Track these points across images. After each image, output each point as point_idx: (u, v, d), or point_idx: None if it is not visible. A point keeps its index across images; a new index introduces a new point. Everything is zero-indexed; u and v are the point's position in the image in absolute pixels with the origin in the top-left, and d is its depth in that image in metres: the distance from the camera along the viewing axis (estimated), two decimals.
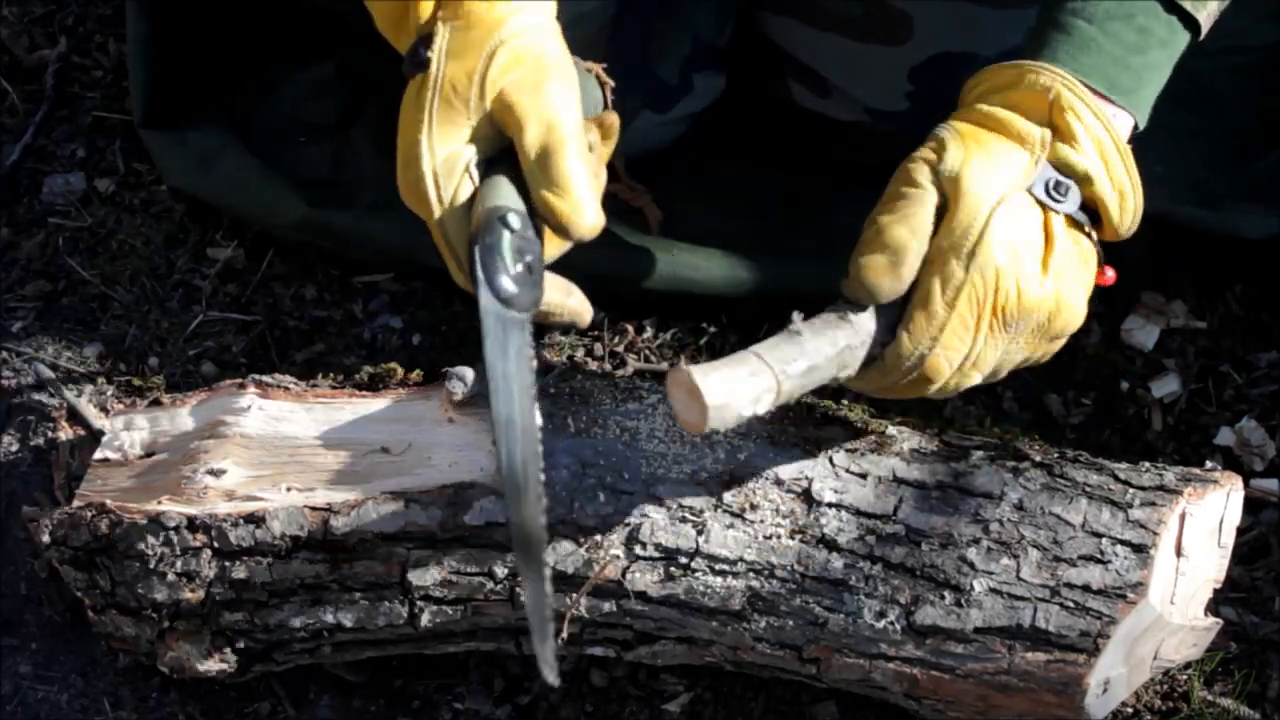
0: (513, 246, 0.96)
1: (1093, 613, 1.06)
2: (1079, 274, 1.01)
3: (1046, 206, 1.00)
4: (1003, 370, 1.02)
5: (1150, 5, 1.02)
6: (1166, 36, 1.04)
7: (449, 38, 0.98)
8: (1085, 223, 1.01)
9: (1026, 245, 0.98)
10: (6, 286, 1.44)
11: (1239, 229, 1.35)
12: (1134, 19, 1.02)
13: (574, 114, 0.98)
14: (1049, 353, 1.04)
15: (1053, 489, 1.10)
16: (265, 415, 1.21)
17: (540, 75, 0.98)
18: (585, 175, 0.97)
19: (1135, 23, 1.02)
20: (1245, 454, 1.33)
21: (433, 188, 0.98)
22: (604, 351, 1.37)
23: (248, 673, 1.19)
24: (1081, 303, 1.01)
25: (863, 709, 1.20)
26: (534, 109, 0.97)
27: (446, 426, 1.17)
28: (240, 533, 1.13)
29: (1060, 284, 0.99)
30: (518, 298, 0.96)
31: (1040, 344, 1.02)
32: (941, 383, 1.00)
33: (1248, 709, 1.20)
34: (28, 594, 1.28)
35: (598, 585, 1.11)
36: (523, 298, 0.96)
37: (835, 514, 1.10)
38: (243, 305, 1.42)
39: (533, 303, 0.97)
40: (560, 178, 0.96)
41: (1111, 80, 1.02)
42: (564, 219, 0.96)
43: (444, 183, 0.97)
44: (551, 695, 1.23)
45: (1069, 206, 1.00)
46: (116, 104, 1.54)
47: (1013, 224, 0.98)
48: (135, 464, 1.21)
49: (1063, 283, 1.00)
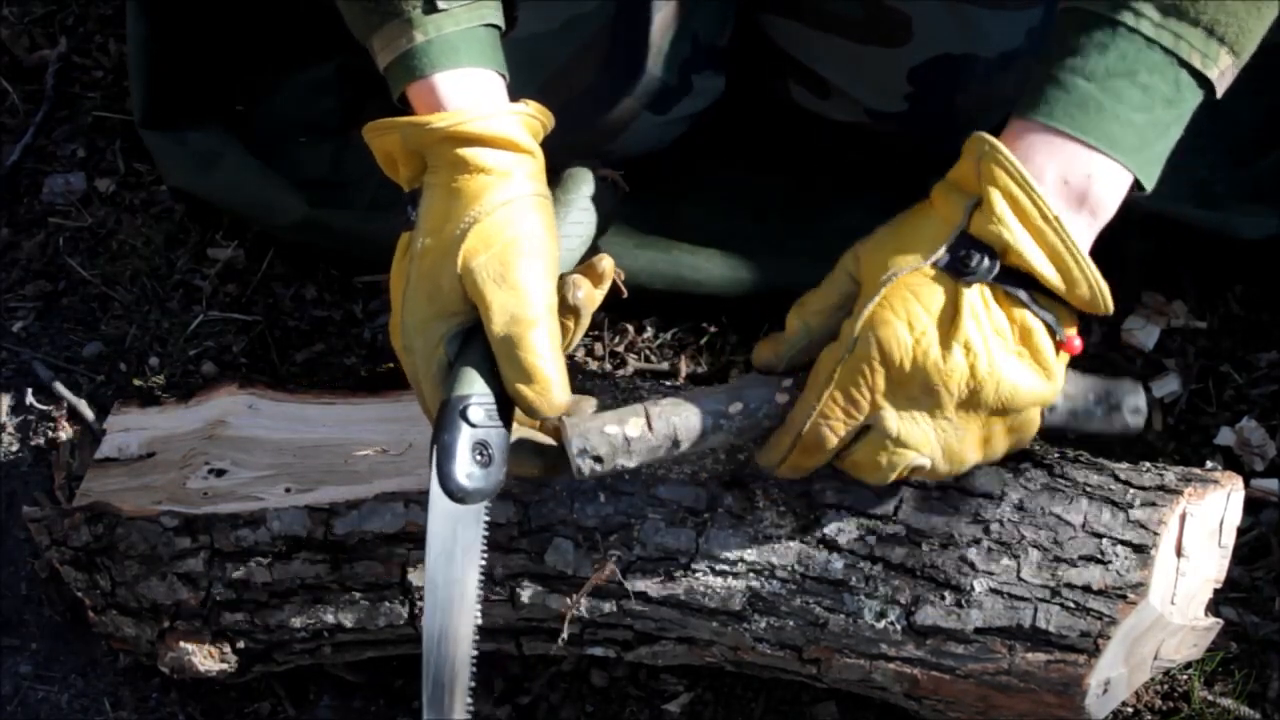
0: (472, 441, 0.99)
1: (1093, 613, 1.06)
2: (1006, 344, 0.98)
3: (955, 278, 0.98)
4: (969, 456, 1.01)
5: (1156, 61, 0.98)
6: (1173, 95, 1.01)
7: (430, 205, 1.01)
8: (1018, 292, 0.98)
9: (923, 318, 0.97)
10: (6, 286, 1.44)
11: (1239, 229, 1.35)
12: (1137, 76, 0.98)
13: (542, 296, 1.00)
14: (1019, 432, 1.01)
15: (1053, 489, 1.10)
16: (265, 415, 1.21)
17: (505, 261, 0.99)
18: (551, 362, 1.00)
19: (1138, 80, 0.98)
20: (1245, 454, 1.33)
21: (408, 359, 1.02)
22: (604, 351, 1.37)
23: (248, 673, 1.19)
24: (1018, 373, 0.98)
25: (863, 709, 1.20)
26: (499, 299, 0.99)
27: None
28: (240, 533, 1.13)
29: (977, 355, 0.97)
30: (471, 493, 1.00)
31: (993, 422, 1.00)
32: (827, 450, 1.01)
33: (1248, 709, 1.20)
34: (28, 594, 1.28)
35: (598, 585, 1.11)
36: (477, 491, 1.00)
37: (835, 514, 1.10)
38: (243, 305, 1.42)
39: (489, 491, 1.01)
40: (526, 368, 0.99)
41: (1113, 139, 0.99)
42: (533, 404, 1.00)
43: (421, 354, 1.01)
44: (551, 695, 1.23)
45: (980, 277, 0.98)
46: (116, 104, 1.54)
47: (906, 298, 0.98)
48: (135, 464, 1.21)
49: (980, 354, 0.97)
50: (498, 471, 1.00)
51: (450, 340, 1.01)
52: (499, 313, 0.99)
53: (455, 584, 1.01)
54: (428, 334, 1.01)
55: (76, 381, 1.38)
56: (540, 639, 1.16)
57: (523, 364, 0.99)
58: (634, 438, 1.01)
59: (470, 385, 1.00)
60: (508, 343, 0.99)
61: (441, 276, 1.00)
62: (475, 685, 1.02)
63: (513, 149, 1.02)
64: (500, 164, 1.01)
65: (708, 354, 1.37)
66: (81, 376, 1.38)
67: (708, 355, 1.37)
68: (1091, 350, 1.38)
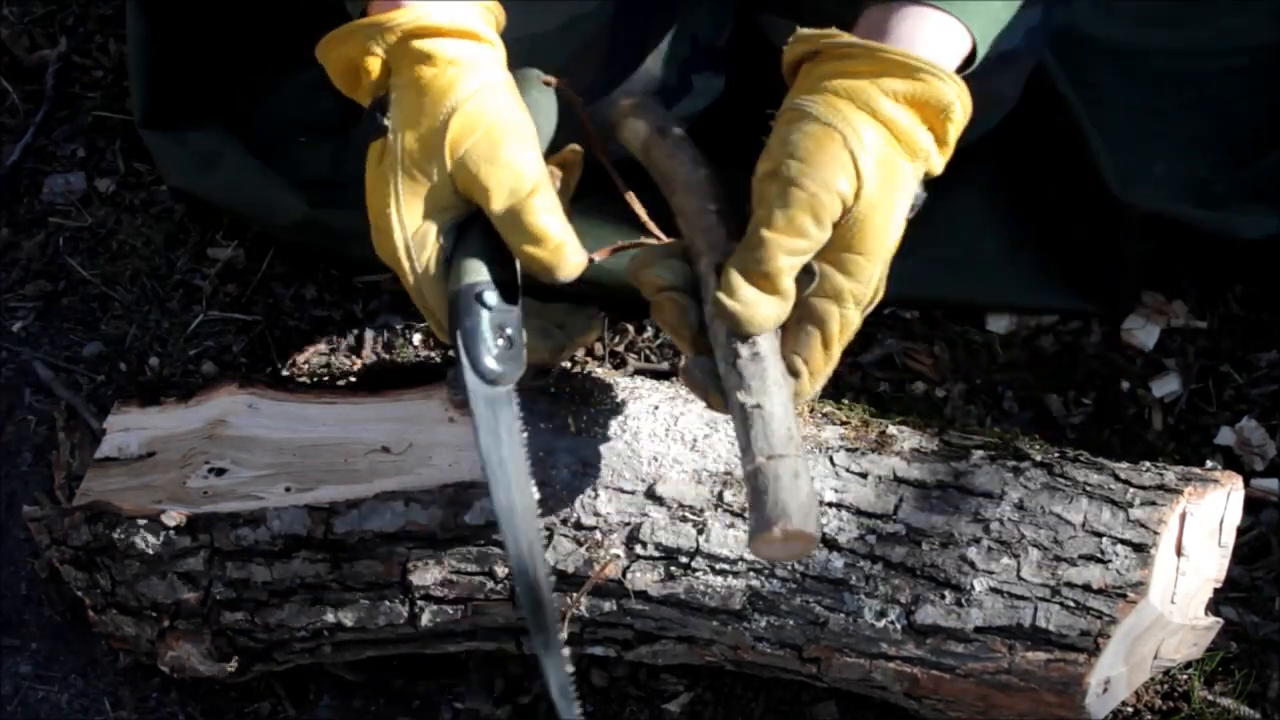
0: (492, 324, 1.01)
1: (1093, 612, 1.06)
2: None
3: None
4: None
5: None
6: None
7: (403, 105, 1.01)
8: None
9: None
10: (6, 286, 1.44)
11: (1239, 229, 1.35)
12: None
13: (535, 167, 1.01)
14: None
15: (1053, 489, 1.10)
16: (265, 415, 1.21)
17: (495, 140, 1.00)
18: (559, 221, 1.01)
19: None
20: (1245, 454, 1.33)
21: (406, 258, 1.02)
22: (604, 351, 1.37)
23: (248, 673, 1.19)
24: None
25: (863, 709, 1.20)
26: (495, 177, 1.00)
27: (447, 426, 1.17)
28: (240, 533, 1.13)
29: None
30: (503, 374, 1.01)
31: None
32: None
33: (1248, 709, 1.20)
34: (28, 594, 1.28)
35: (598, 585, 1.11)
36: (508, 372, 1.01)
37: (836, 513, 1.10)
38: (243, 305, 1.42)
39: (517, 371, 1.02)
40: (533, 234, 0.99)
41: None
42: (548, 266, 1.00)
43: (417, 252, 1.01)
44: None
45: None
46: (116, 104, 1.54)
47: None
48: (135, 464, 1.21)
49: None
50: (520, 351, 1.02)
51: (447, 234, 1.01)
52: (497, 190, 0.99)
53: (510, 461, 1.02)
54: (424, 232, 1.01)
55: (76, 381, 1.38)
56: None
57: (532, 229, 0.99)
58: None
59: (479, 273, 1.00)
60: (512, 214, 0.99)
61: (431, 171, 1.00)
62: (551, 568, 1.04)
63: (476, 39, 1.03)
64: (466, 54, 1.01)
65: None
66: (81, 376, 1.38)
67: None
68: (1091, 351, 1.38)
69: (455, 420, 1.17)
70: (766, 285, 0.98)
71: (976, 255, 1.40)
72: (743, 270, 0.97)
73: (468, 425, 1.16)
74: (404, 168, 1.01)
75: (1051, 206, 1.42)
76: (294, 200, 1.39)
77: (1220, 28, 1.55)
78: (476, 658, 1.24)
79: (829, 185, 0.97)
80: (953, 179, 1.11)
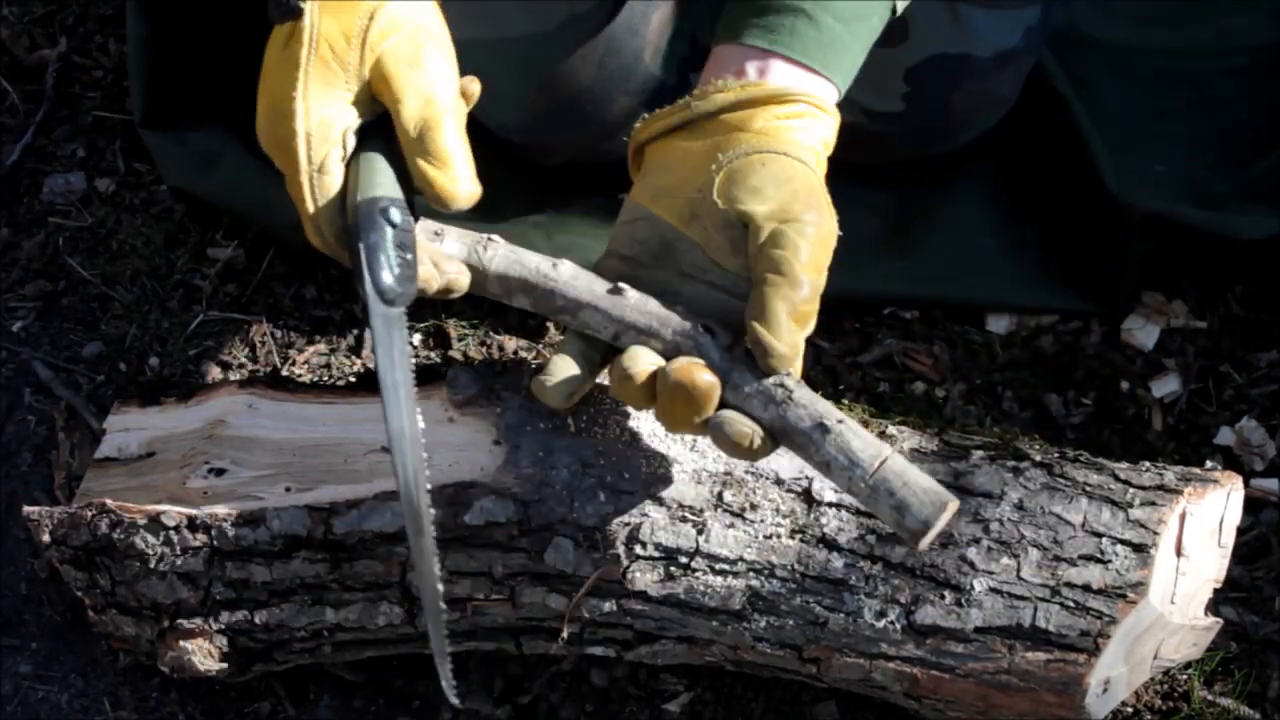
0: (395, 242, 0.98)
1: (1093, 612, 1.06)
2: None
3: None
4: None
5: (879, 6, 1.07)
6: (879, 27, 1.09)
7: None
8: None
9: None
10: (6, 286, 1.44)
11: (1239, 229, 1.35)
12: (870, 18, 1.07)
13: (452, 86, 0.99)
14: None
15: (1053, 489, 1.10)
16: (265, 415, 1.21)
17: (418, 45, 0.98)
18: (462, 149, 0.99)
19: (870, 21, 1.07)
20: (1245, 454, 1.33)
21: (304, 148, 0.98)
22: None
23: (248, 673, 1.19)
24: None
25: (863, 709, 1.20)
26: (412, 82, 0.98)
27: (446, 426, 1.17)
28: (240, 533, 1.13)
29: None
30: (401, 295, 0.99)
31: None
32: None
33: (1248, 709, 1.20)
34: (28, 594, 1.28)
35: (598, 585, 1.11)
36: (406, 293, 0.99)
37: (835, 513, 1.10)
38: (243, 305, 1.42)
39: (412, 293, 1.00)
40: (439, 152, 0.98)
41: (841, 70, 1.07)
42: (443, 192, 0.98)
43: (316, 144, 0.98)
44: (551, 695, 1.23)
45: None
46: (116, 104, 1.54)
47: None
48: (135, 464, 1.21)
49: None
50: (414, 273, 0.99)
51: (352, 134, 0.99)
52: (413, 96, 0.97)
53: (403, 385, 1.00)
54: (328, 125, 0.98)
55: (76, 381, 1.38)
56: (540, 638, 1.16)
57: (435, 149, 0.97)
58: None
59: (386, 187, 0.98)
60: (422, 127, 0.97)
61: (348, 61, 0.97)
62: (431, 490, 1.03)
63: None
64: None
65: None
66: (81, 376, 1.38)
67: None
68: (1091, 351, 1.38)
69: (455, 420, 1.17)
70: (801, 323, 1.00)
71: (976, 255, 1.40)
72: (790, 311, 0.99)
73: (467, 426, 1.16)
74: (319, 54, 0.97)
75: (1051, 206, 1.42)
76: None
77: (1220, 28, 1.55)
78: (476, 658, 1.24)
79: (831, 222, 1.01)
80: (953, 179, 1.11)
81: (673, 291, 1.05)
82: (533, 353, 1.36)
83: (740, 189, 1.01)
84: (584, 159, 1.36)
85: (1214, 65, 1.52)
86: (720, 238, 1.02)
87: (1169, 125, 1.49)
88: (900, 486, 0.97)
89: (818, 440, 0.99)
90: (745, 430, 0.99)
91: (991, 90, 1.35)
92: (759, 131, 1.03)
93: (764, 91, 1.03)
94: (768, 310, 0.99)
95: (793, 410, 0.99)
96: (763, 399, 1.00)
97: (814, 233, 1.00)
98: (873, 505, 0.99)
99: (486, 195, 1.02)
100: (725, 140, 1.03)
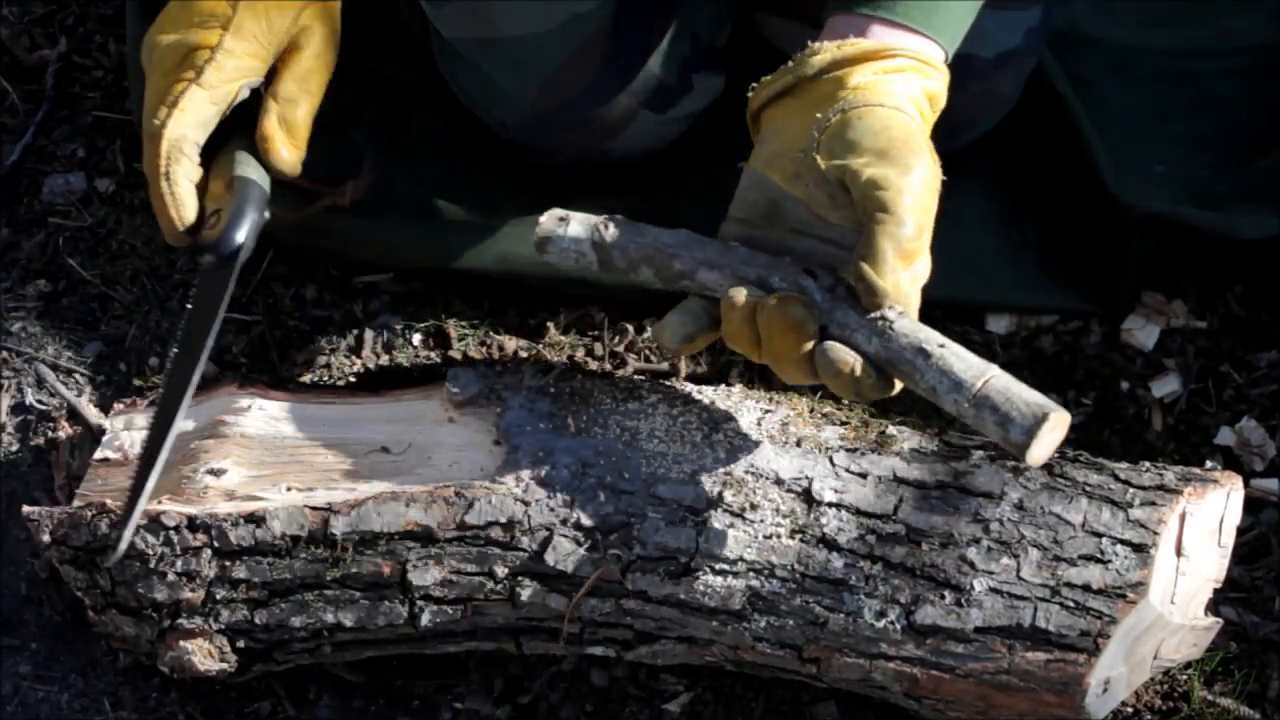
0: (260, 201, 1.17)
1: (1093, 612, 1.06)
2: None
3: None
4: None
5: None
6: None
7: None
8: None
9: None
10: (6, 286, 1.44)
11: (1239, 229, 1.35)
12: None
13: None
14: None
15: (1053, 489, 1.10)
16: (265, 415, 1.21)
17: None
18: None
19: None
20: (1245, 454, 1.33)
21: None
22: (604, 351, 1.37)
23: (248, 673, 1.19)
24: None
25: (863, 709, 1.20)
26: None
27: (447, 426, 1.17)
28: (240, 533, 1.13)
29: None
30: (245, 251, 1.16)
31: None
32: None
33: (1248, 709, 1.20)
34: (28, 594, 1.28)
35: (598, 585, 1.11)
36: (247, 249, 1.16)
37: (835, 513, 1.10)
38: (243, 305, 1.42)
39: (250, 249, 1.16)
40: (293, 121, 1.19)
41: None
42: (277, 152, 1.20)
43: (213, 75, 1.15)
44: (551, 695, 1.23)
45: None
46: (116, 104, 1.54)
47: None
48: (135, 464, 1.21)
49: None
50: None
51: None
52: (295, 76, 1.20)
53: (210, 338, 1.15)
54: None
55: (76, 381, 1.38)
56: (540, 638, 1.16)
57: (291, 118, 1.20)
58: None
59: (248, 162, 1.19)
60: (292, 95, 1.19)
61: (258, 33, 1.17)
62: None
63: None
64: None
65: (707, 354, 1.37)
66: (81, 376, 1.38)
67: (707, 355, 1.37)
68: (1091, 351, 1.38)
69: (455, 420, 1.17)
70: (906, 260, 1.02)
71: (977, 255, 1.40)
72: (895, 249, 1.00)
73: (468, 426, 1.16)
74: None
75: (1051, 206, 1.42)
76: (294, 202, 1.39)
77: (1220, 28, 1.55)
78: (476, 658, 1.24)
79: (935, 178, 1.04)
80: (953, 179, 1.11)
81: (786, 248, 1.07)
82: (532, 353, 1.36)
83: (838, 143, 1.04)
84: (584, 159, 1.36)
85: (1214, 65, 1.52)
86: (821, 194, 1.05)
87: (1169, 125, 1.49)
88: (1003, 402, 0.98)
89: (920, 366, 1.00)
90: (846, 359, 1.01)
91: (993, 90, 1.35)
92: (855, 87, 1.05)
93: (859, 49, 1.06)
94: (871, 246, 1.01)
95: (895, 340, 1.01)
96: (865, 332, 1.01)
97: (916, 175, 1.01)
98: (980, 425, 0.99)
99: (487, 195, 1.03)
100: (825, 100, 1.06)
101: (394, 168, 1.43)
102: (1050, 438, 0.98)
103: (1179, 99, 1.51)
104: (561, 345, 1.37)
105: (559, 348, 1.37)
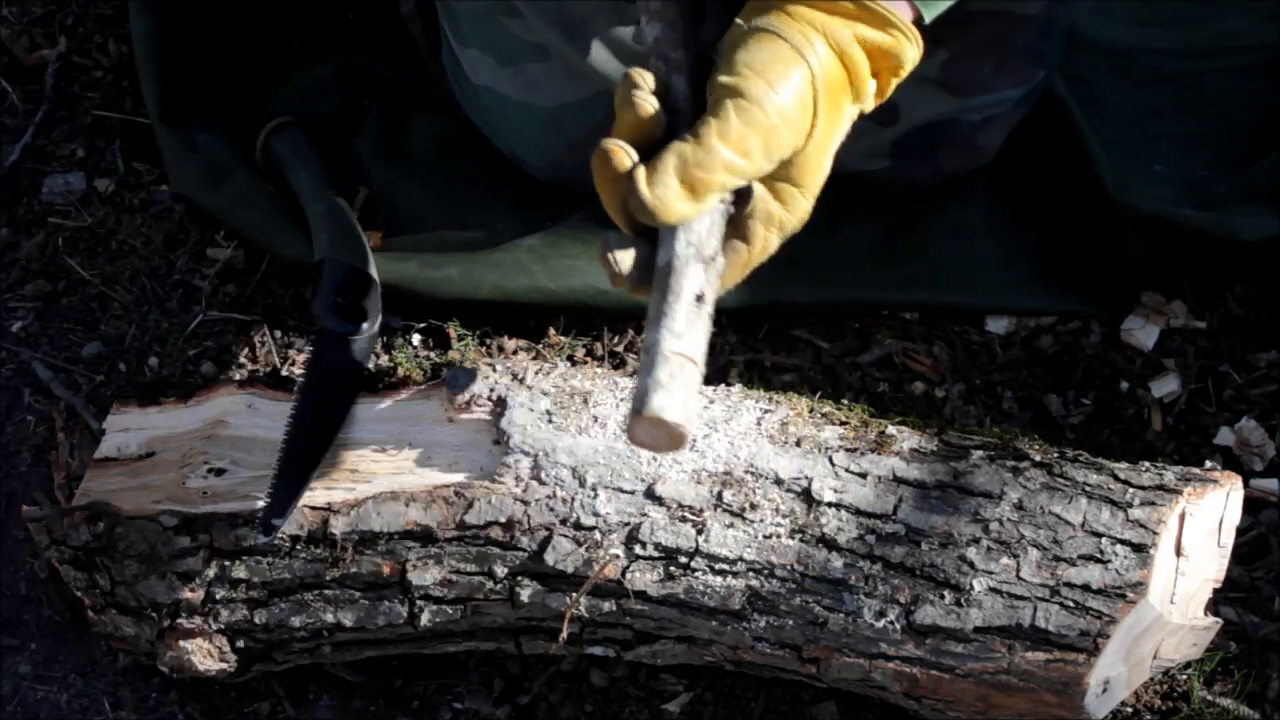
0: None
1: (1092, 612, 1.06)
2: None
3: None
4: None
5: None
6: None
7: None
8: None
9: None
10: (6, 286, 1.44)
11: (1239, 229, 1.35)
12: None
13: None
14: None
15: (1052, 489, 1.10)
16: (265, 415, 1.21)
17: None
18: None
19: None
20: (1245, 454, 1.33)
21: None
22: (604, 351, 1.37)
23: (248, 673, 1.19)
24: None
25: (863, 709, 1.20)
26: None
27: (447, 426, 1.17)
28: (240, 533, 1.13)
29: None
30: None
31: None
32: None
33: (1248, 709, 1.20)
34: (28, 594, 1.28)
35: (598, 585, 1.11)
36: None
37: (835, 513, 1.10)
38: (243, 305, 1.42)
39: None
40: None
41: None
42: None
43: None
44: (551, 695, 1.23)
45: None
46: (116, 104, 1.54)
47: None
48: (135, 464, 1.21)
49: None
50: None
51: None
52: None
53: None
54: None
55: (76, 381, 1.38)
56: (540, 638, 1.16)
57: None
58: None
59: None
60: None
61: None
62: None
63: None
64: None
65: (707, 354, 1.37)
66: (81, 376, 1.38)
67: (707, 355, 1.37)
68: (1091, 351, 1.38)
69: (454, 421, 1.17)
70: (693, 191, 0.93)
71: (976, 258, 1.40)
72: (680, 167, 0.92)
73: (467, 426, 1.16)
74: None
75: (1050, 208, 1.42)
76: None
77: (1220, 28, 1.55)
78: (476, 658, 1.24)
79: (793, 125, 0.95)
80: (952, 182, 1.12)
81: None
82: (532, 353, 1.36)
83: (723, 60, 0.96)
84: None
85: (1214, 65, 1.52)
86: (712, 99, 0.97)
87: (1169, 125, 1.49)
88: (650, 374, 0.91)
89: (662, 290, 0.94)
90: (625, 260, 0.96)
91: (979, 145, 1.37)
92: (782, 11, 0.97)
93: None
94: (658, 157, 0.92)
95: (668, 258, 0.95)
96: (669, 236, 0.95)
97: (753, 113, 0.93)
98: (640, 366, 0.93)
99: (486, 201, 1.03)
100: (753, 11, 0.98)
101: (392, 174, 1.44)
102: (653, 433, 0.91)
103: (1179, 99, 1.51)
104: (561, 345, 1.37)
105: (559, 348, 1.37)
